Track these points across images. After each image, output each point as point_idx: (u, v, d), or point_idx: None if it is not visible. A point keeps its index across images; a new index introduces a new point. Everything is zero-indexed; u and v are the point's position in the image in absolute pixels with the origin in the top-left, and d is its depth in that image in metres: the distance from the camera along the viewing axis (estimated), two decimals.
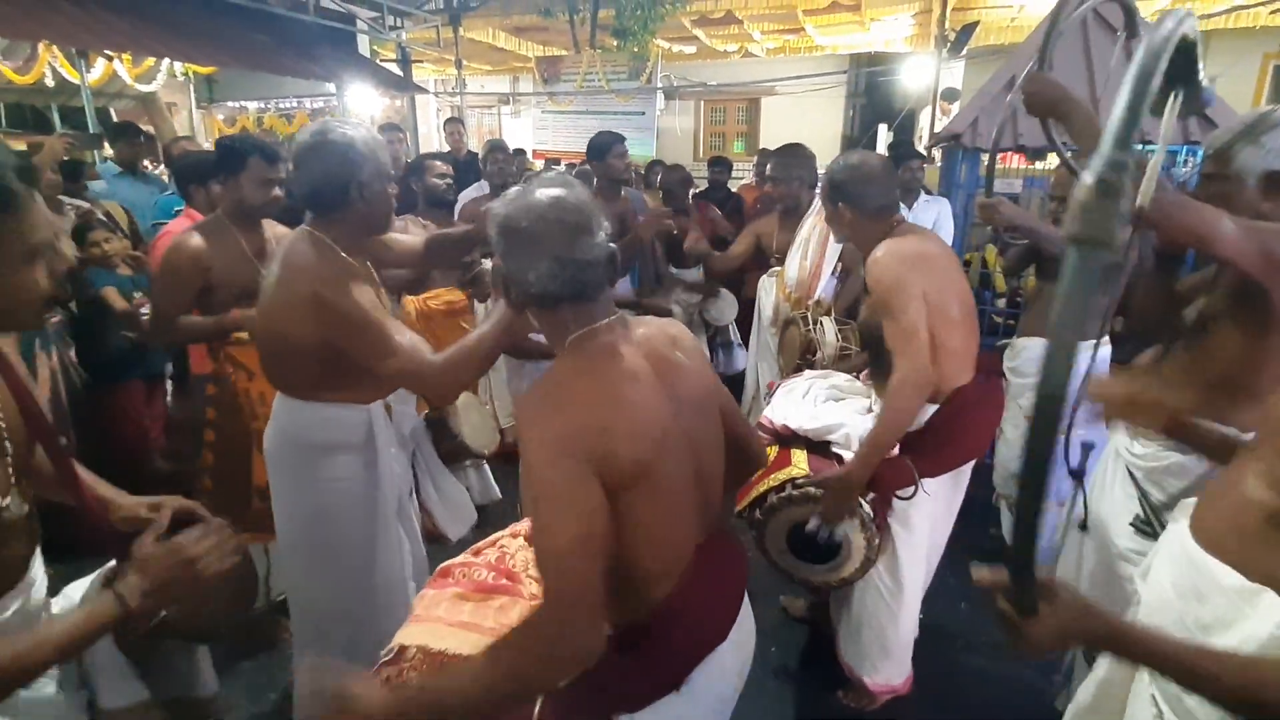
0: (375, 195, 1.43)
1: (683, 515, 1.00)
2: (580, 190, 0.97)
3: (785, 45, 7.89)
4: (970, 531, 2.74)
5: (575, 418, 0.89)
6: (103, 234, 2.70)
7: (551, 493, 0.85)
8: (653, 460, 0.91)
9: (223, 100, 8.68)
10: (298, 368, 1.48)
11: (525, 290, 0.95)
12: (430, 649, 1.13)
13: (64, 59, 5.56)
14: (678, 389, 1.01)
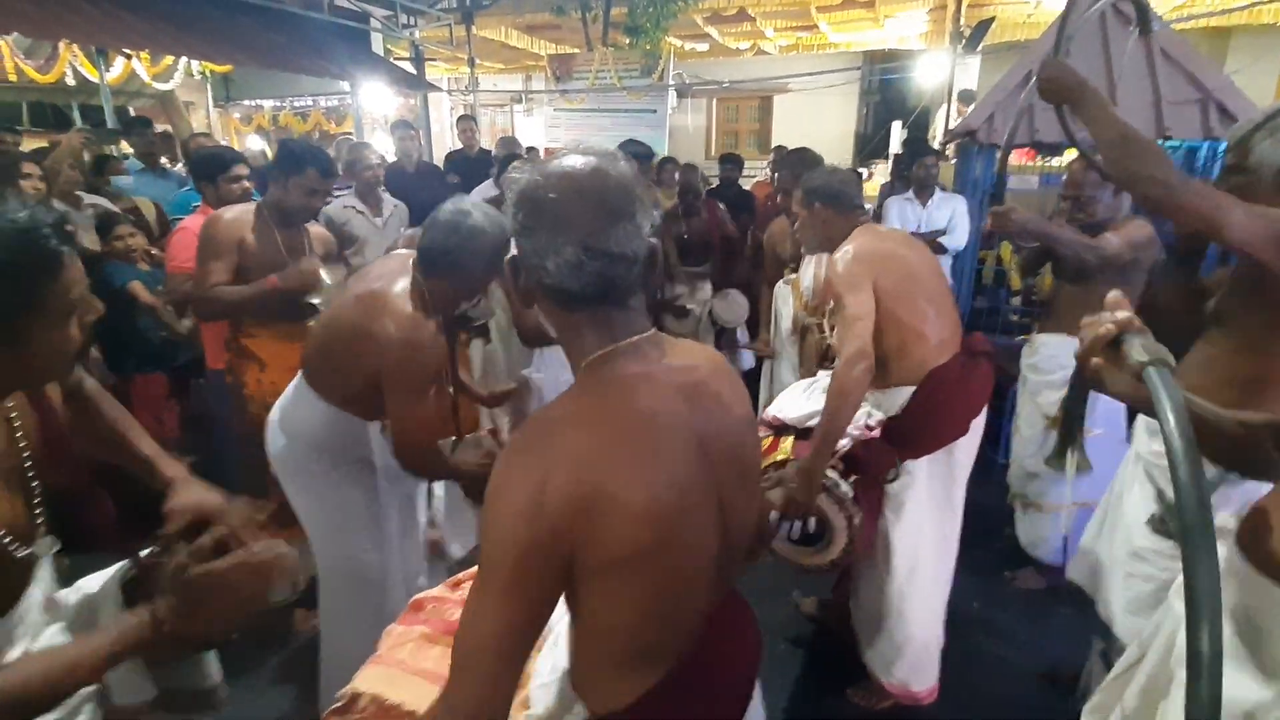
0: (472, 280, 1.57)
1: (691, 593, 0.79)
2: (625, 164, 0.76)
3: (798, 42, 7.86)
4: (984, 533, 2.73)
5: (556, 481, 0.68)
6: (126, 229, 2.75)
7: (502, 564, 0.69)
8: (660, 539, 0.72)
9: (239, 99, 8.76)
10: (340, 373, 1.57)
11: (539, 280, 0.74)
12: (384, 700, 1.02)
13: (84, 58, 5.64)
14: (715, 431, 0.79)
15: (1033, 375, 2.45)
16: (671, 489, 0.73)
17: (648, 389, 0.76)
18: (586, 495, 0.69)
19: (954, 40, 5.77)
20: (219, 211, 2.16)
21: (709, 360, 0.87)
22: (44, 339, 0.79)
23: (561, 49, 8.50)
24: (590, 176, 0.73)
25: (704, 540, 0.79)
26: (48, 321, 0.79)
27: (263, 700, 1.98)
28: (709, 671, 0.83)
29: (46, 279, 0.77)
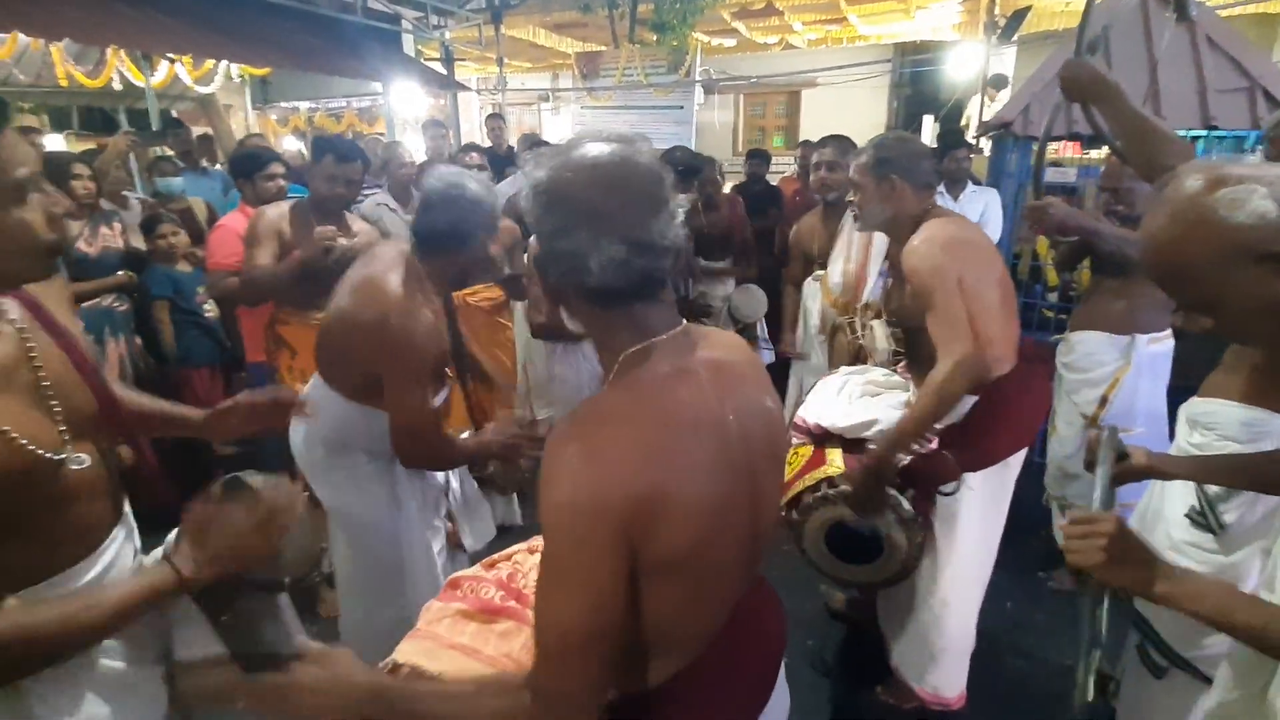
0: (480, 250, 1.53)
1: (727, 588, 0.81)
2: (648, 149, 0.74)
3: (827, 36, 7.75)
4: (1019, 534, 2.67)
5: (615, 480, 0.68)
6: (169, 228, 2.85)
7: (567, 568, 0.68)
8: (707, 535, 0.72)
9: (276, 101, 8.99)
10: (344, 366, 1.58)
11: (579, 282, 0.71)
12: (423, 671, 1.05)
13: (130, 63, 5.84)
14: (752, 429, 0.79)
15: (1069, 374, 2.39)
16: (716, 485, 0.73)
17: (686, 386, 0.74)
18: (647, 495, 0.68)
19: (988, 30, 5.64)
20: (263, 208, 2.29)
21: (736, 348, 0.87)
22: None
23: (588, 47, 8.53)
24: (620, 166, 0.70)
25: (740, 532, 0.79)
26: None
27: None
28: (735, 655, 0.84)
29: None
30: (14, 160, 0.75)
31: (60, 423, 0.86)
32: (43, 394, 0.85)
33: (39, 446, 0.81)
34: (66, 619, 0.77)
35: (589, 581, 0.68)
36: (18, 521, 0.80)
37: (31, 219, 0.77)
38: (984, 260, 1.61)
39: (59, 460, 0.83)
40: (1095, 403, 2.30)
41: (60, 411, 0.86)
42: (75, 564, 0.87)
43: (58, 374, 0.88)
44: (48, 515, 0.84)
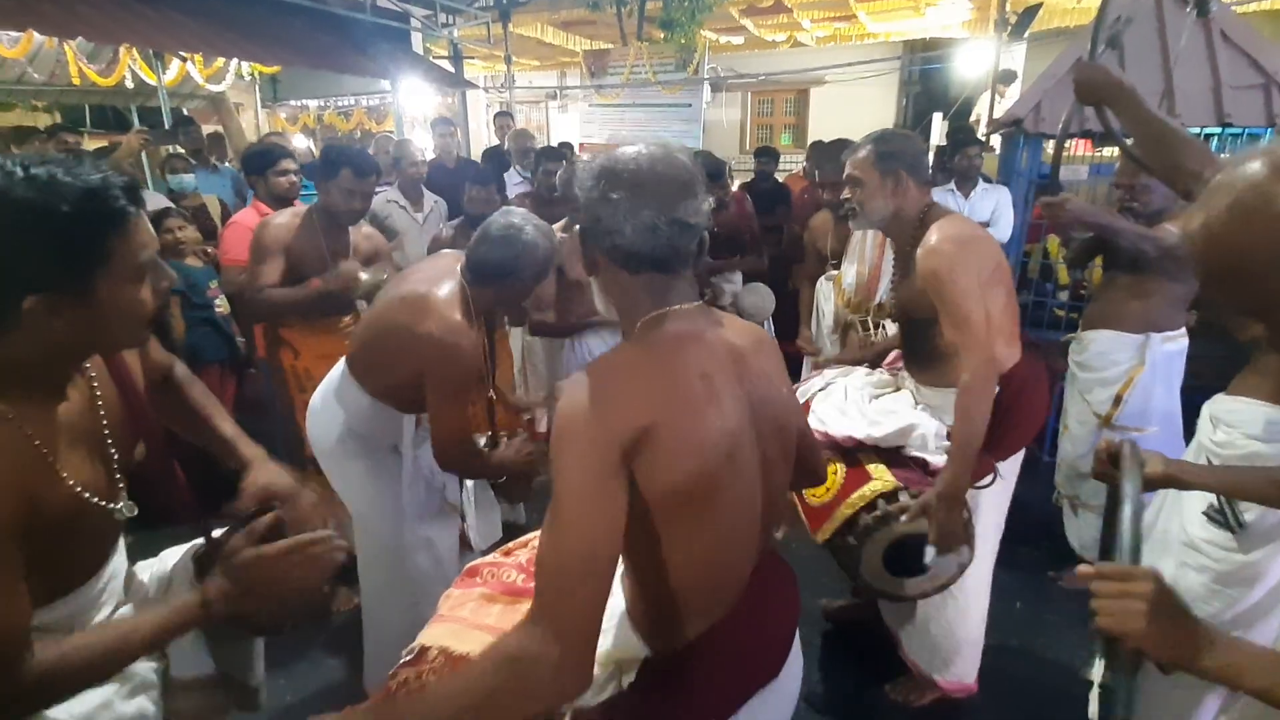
0: (521, 288, 1.62)
1: (741, 538, 0.88)
2: (686, 154, 0.87)
3: (836, 33, 7.73)
4: (1030, 532, 2.66)
5: (624, 415, 0.76)
6: (176, 222, 2.86)
7: (575, 487, 0.74)
8: (714, 475, 0.80)
9: (285, 99, 9.03)
10: (384, 369, 1.62)
11: (613, 244, 0.83)
12: (452, 651, 1.07)
13: (142, 62, 5.88)
14: (757, 396, 0.88)
15: (1082, 373, 2.38)
16: (721, 435, 0.81)
17: (698, 349, 0.84)
18: (647, 426, 0.76)
19: (999, 27, 5.60)
20: (270, 216, 2.27)
21: (753, 335, 0.96)
22: (113, 297, 0.80)
23: (596, 44, 8.53)
24: (663, 158, 0.84)
25: (750, 493, 0.87)
26: (116, 279, 0.79)
27: (311, 675, 2.06)
28: (754, 622, 0.91)
29: (115, 235, 0.78)
30: (142, 244, 0.81)
31: (117, 470, 0.91)
32: (105, 443, 0.90)
33: (99, 498, 0.85)
34: (109, 651, 0.81)
35: (588, 505, 0.74)
36: (53, 558, 0.83)
37: (144, 296, 0.83)
38: (993, 257, 1.61)
39: (111, 509, 0.88)
40: (1109, 402, 2.28)
41: (118, 460, 0.91)
42: (84, 583, 0.90)
43: (117, 421, 0.92)
44: (80, 550, 0.88)
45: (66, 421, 0.84)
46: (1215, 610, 1.41)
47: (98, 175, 0.78)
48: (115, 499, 0.89)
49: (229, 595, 0.86)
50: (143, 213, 0.83)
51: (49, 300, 0.75)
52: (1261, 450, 1.38)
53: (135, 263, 0.81)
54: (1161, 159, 1.31)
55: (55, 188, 0.74)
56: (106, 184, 0.78)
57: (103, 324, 0.81)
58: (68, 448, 0.83)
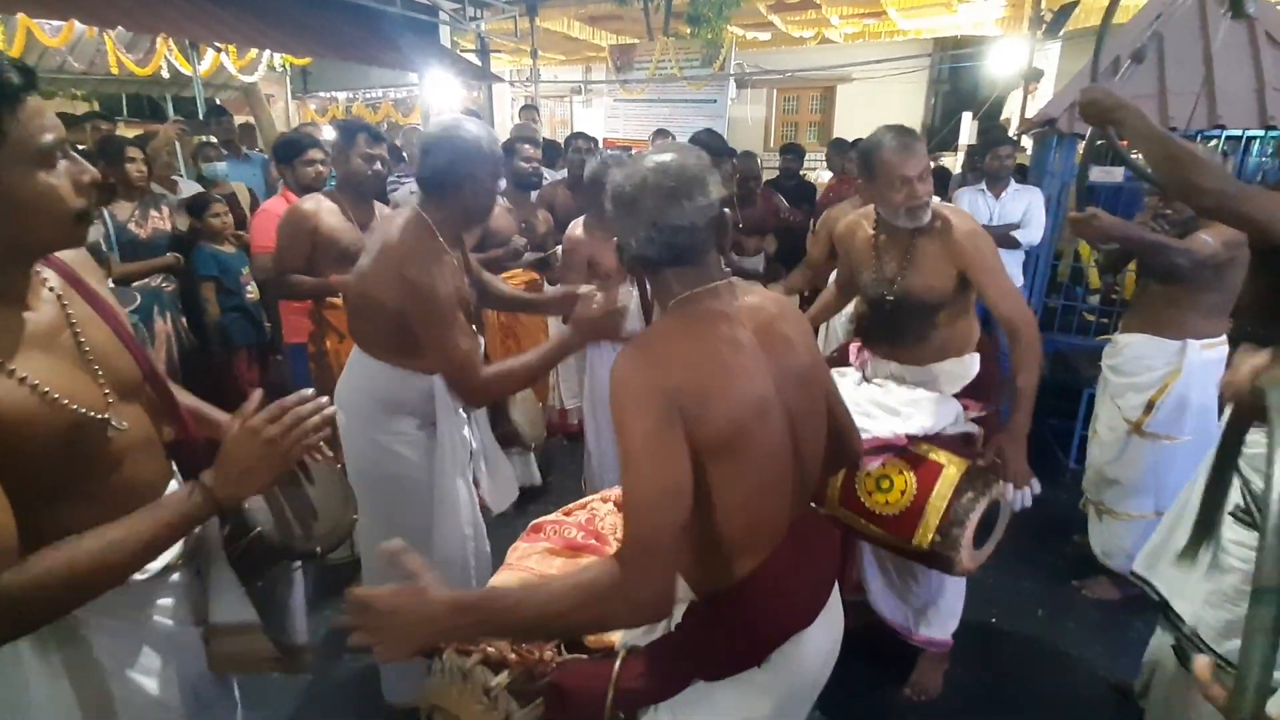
0: (483, 190, 1.55)
1: (776, 489, 0.98)
2: (688, 155, 0.97)
3: (864, 30, 7.64)
4: (1053, 542, 2.62)
5: (668, 374, 0.89)
6: (220, 207, 2.94)
7: (639, 445, 0.86)
8: (748, 428, 0.91)
9: (315, 91, 9.16)
10: (377, 329, 1.60)
11: (630, 254, 0.98)
12: None
13: (178, 52, 6.00)
14: (782, 362, 0.99)
15: (1115, 377, 2.33)
16: (752, 393, 0.93)
17: (726, 322, 0.96)
18: (694, 387, 0.88)
19: (1034, 25, 5.49)
20: (298, 202, 2.33)
21: (777, 304, 1.07)
22: (17, 183, 0.75)
23: (622, 39, 8.52)
24: (654, 171, 0.94)
25: (780, 445, 0.97)
26: (16, 163, 0.74)
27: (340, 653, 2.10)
28: (791, 569, 1.00)
29: (4, 112, 0.73)
30: (41, 126, 0.75)
31: (104, 386, 0.87)
32: (84, 358, 0.87)
33: (83, 407, 0.82)
34: (107, 543, 0.79)
35: (659, 450, 0.86)
36: (68, 483, 0.82)
37: (58, 184, 0.78)
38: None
39: (102, 420, 0.85)
40: (1140, 408, 2.23)
41: (103, 376, 0.88)
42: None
43: (99, 340, 0.90)
44: (98, 477, 0.86)
45: (30, 331, 0.81)
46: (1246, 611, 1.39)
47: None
48: (102, 409, 0.85)
49: (229, 477, 0.85)
50: (37, 96, 0.76)
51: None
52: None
53: (35, 144, 0.75)
54: (1173, 177, 1.34)
55: None
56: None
57: (15, 214, 0.76)
58: (33, 355, 0.80)
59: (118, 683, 0.89)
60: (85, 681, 0.86)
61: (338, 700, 1.96)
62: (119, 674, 0.90)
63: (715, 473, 0.90)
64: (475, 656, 1.11)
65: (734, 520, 0.94)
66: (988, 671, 2.03)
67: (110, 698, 0.88)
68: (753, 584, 0.96)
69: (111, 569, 0.80)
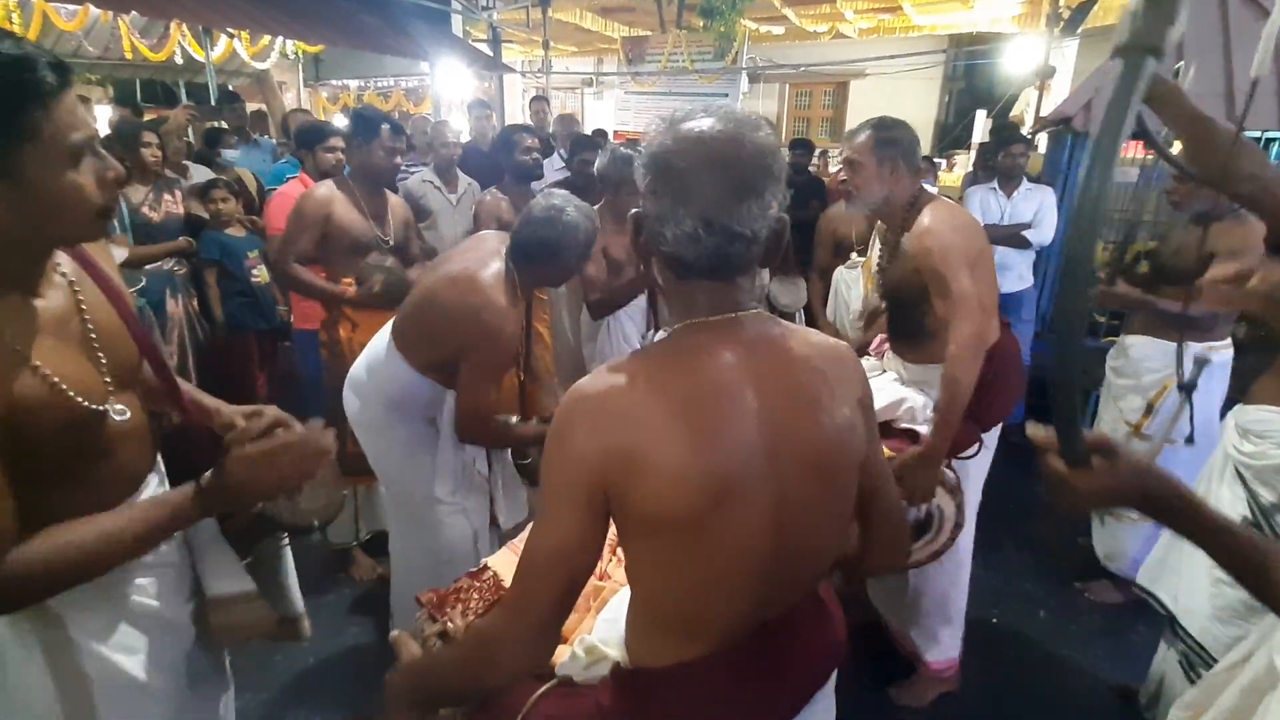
0: (565, 267, 1.68)
1: (731, 583, 0.77)
2: (765, 134, 0.73)
3: (880, 25, 7.56)
4: (1058, 542, 2.61)
5: (606, 430, 0.72)
6: (220, 193, 2.96)
7: (550, 492, 0.76)
8: (693, 514, 0.72)
9: (327, 79, 9.18)
10: (428, 342, 1.66)
11: (657, 246, 0.75)
12: (501, 580, 1.21)
13: (191, 38, 6.02)
14: (789, 432, 0.76)
15: (1117, 379, 2.32)
16: (717, 465, 0.72)
17: (716, 366, 0.75)
18: (622, 452, 0.71)
19: (1051, 23, 5.43)
20: (312, 188, 2.31)
21: (820, 352, 0.81)
22: (46, 180, 0.76)
23: (635, 31, 8.49)
24: (725, 145, 0.71)
25: (754, 528, 0.75)
26: (46, 160, 0.75)
27: (335, 641, 2.11)
28: (754, 669, 0.81)
29: (38, 110, 0.73)
30: (72, 124, 0.76)
31: (106, 374, 0.89)
32: (90, 345, 0.88)
33: (85, 398, 0.84)
34: (102, 534, 0.81)
35: (559, 514, 0.75)
36: (65, 468, 0.84)
37: (84, 182, 0.79)
38: (980, 240, 1.68)
39: (102, 411, 0.86)
40: (1140, 410, 2.22)
41: (106, 363, 0.89)
42: (121, 500, 0.90)
43: (104, 324, 0.91)
44: (93, 462, 0.88)
45: (44, 320, 0.82)
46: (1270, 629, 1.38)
47: (17, 49, 0.73)
48: (102, 400, 0.86)
49: (226, 488, 0.86)
50: (72, 91, 0.77)
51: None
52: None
53: (66, 142, 0.76)
54: (1208, 162, 1.27)
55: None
56: (27, 55, 0.73)
57: (41, 210, 0.77)
58: (46, 343, 0.81)
59: (95, 662, 0.90)
60: (61, 660, 0.87)
61: (332, 681, 1.98)
62: (95, 653, 0.90)
63: (651, 551, 0.77)
64: (436, 626, 1.13)
65: (669, 603, 0.79)
66: (988, 673, 2.02)
67: (86, 678, 0.89)
68: (687, 675, 0.80)
69: (103, 559, 0.82)
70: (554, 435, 0.75)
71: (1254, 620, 1.38)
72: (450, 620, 1.13)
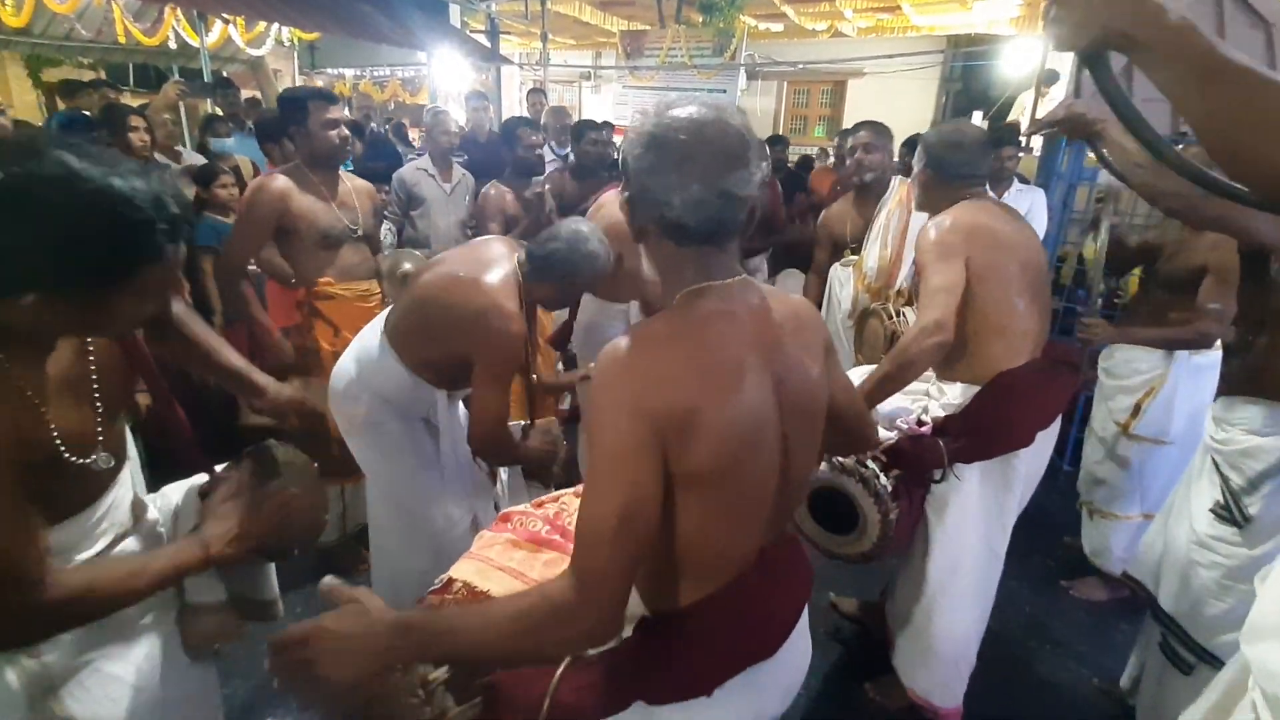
0: (575, 289, 1.72)
1: (752, 518, 0.88)
2: (742, 118, 0.83)
3: (878, 25, 7.56)
4: (1044, 540, 2.63)
5: (655, 392, 0.77)
6: (227, 179, 2.93)
7: (610, 454, 0.76)
8: (736, 460, 0.80)
9: (323, 67, 9.11)
10: (425, 341, 1.64)
11: (660, 216, 0.81)
12: (474, 586, 1.15)
13: (186, 23, 5.96)
14: (789, 382, 0.87)
15: (1107, 380, 2.35)
16: (748, 417, 0.81)
17: (731, 327, 0.84)
18: (682, 409, 0.77)
19: None
20: (261, 178, 2.13)
21: (794, 311, 0.93)
22: (119, 309, 0.79)
23: (633, 25, 8.46)
24: (714, 124, 0.80)
25: (770, 471, 0.87)
26: (130, 299, 0.79)
27: None
28: (754, 599, 0.90)
29: (143, 263, 0.76)
30: (169, 270, 0.80)
31: (100, 420, 0.90)
32: (91, 389, 0.90)
33: (75, 453, 0.86)
34: (118, 582, 0.85)
35: (626, 473, 0.76)
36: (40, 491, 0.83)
37: (150, 308, 0.84)
38: (1005, 248, 1.59)
39: (88, 464, 0.89)
40: (1128, 411, 2.25)
41: (103, 409, 0.91)
42: (80, 511, 0.92)
43: (108, 369, 0.92)
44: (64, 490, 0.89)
45: (54, 370, 0.85)
46: (1229, 606, 1.43)
47: (149, 195, 0.73)
48: (90, 451, 0.89)
49: (225, 539, 0.92)
50: (178, 245, 0.80)
51: (46, 299, 0.73)
52: (1261, 444, 1.41)
53: (154, 288, 0.80)
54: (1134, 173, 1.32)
55: (99, 199, 0.71)
56: (154, 212, 0.74)
57: (99, 323, 0.82)
58: (54, 395, 0.84)
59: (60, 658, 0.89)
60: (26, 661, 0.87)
61: None
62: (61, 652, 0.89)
63: (688, 502, 0.81)
64: None
65: (699, 546, 0.85)
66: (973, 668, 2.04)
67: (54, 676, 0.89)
68: (709, 609, 0.88)
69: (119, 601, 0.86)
70: (605, 395, 0.78)
71: (1226, 599, 1.43)
72: None
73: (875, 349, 2.32)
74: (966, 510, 1.66)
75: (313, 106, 2.02)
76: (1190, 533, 1.51)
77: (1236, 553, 1.43)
